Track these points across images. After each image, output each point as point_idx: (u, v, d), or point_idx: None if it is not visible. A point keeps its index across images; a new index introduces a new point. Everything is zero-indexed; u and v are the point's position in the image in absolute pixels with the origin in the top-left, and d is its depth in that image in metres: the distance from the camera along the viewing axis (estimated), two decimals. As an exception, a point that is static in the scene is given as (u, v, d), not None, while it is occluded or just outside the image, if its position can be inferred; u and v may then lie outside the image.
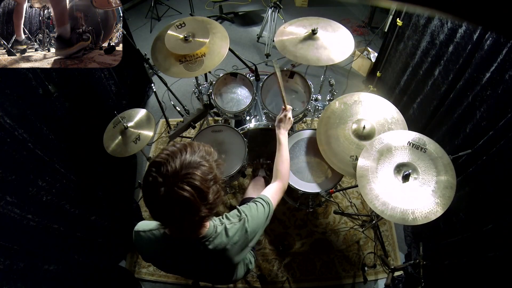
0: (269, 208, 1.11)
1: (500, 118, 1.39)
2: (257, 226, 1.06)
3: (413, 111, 2.25)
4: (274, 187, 1.24)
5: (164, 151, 0.82)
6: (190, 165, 0.79)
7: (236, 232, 1.01)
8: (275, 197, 1.19)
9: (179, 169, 0.77)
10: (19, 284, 1.24)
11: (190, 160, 0.80)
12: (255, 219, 1.05)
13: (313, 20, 1.93)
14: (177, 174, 0.77)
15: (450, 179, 1.36)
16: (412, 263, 1.79)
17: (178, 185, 0.76)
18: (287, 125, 1.41)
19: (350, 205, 2.41)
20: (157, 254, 1.04)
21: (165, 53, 1.81)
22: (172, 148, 0.82)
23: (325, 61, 1.78)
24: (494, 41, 1.45)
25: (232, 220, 1.04)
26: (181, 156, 0.79)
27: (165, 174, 0.76)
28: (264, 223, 1.08)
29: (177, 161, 0.78)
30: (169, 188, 0.76)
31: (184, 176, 0.77)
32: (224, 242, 0.98)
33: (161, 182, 0.76)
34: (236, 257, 1.03)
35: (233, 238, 1.00)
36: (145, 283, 2.15)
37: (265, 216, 1.09)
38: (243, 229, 1.02)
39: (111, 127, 1.82)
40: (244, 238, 1.02)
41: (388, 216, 1.35)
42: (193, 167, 0.79)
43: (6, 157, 1.23)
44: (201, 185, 0.78)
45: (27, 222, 1.33)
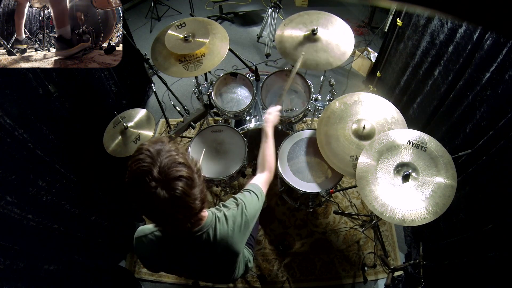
0: (262, 196, 1.15)
1: (500, 118, 1.39)
2: (255, 211, 1.09)
3: (413, 111, 2.25)
4: (263, 177, 1.26)
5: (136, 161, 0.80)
6: (169, 160, 0.80)
7: (236, 217, 1.03)
8: (265, 186, 1.22)
9: (164, 167, 0.79)
10: (19, 284, 1.24)
11: (162, 156, 0.80)
12: (252, 204, 1.09)
13: (313, 15, 1.93)
14: (165, 173, 0.78)
15: (451, 178, 1.36)
16: (412, 263, 1.79)
17: (172, 182, 0.78)
18: (275, 120, 1.45)
19: (350, 205, 2.41)
20: (161, 256, 1.04)
21: (165, 53, 1.81)
22: (142, 156, 0.80)
23: (324, 66, 1.78)
24: (494, 41, 1.45)
25: (230, 206, 1.07)
26: (156, 156, 0.80)
27: (155, 177, 0.77)
28: (259, 209, 1.12)
29: (156, 162, 0.79)
30: (166, 188, 0.77)
31: (172, 171, 0.79)
32: (226, 228, 1.00)
33: (156, 186, 0.77)
34: (239, 244, 1.04)
35: (234, 223, 1.02)
36: (145, 283, 2.15)
37: (259, 203, 1.12)
38: (242, 213, 1.04)
39: (111, 127, 1.82)
40: (245, 222, 1.04)
41: (388, 218, 1.35)
42: (173, 161, 0.80)
43: (6, 157, 1.23)
44: (188, 173, 0.81)
45: (27, 222, 1.33)
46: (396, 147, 1.46)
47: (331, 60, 1.79)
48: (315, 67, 1.79)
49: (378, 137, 1.52)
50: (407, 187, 1.40)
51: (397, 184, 1.42)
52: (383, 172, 1.44)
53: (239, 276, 1.30)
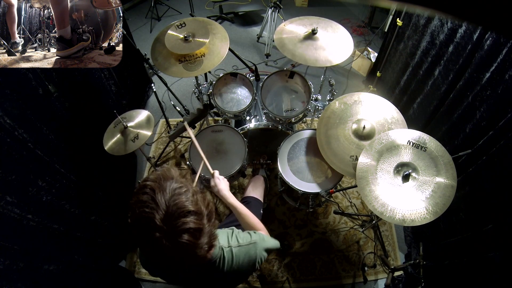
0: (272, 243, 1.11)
1: (500, 118, 1.39)
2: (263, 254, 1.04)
3: (413, 111, 2.25)
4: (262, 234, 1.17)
5: (139, 203, 0.73)
6: (176, 207, 0.73)
7: (245, 255, 0.99)
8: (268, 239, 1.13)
9: (170, 216, 0.72)
10: (19, 284, 1.24)
11: (167, 200, 0.73)
12: (264, 246, 1.04)
13: (313, 19, 1.93)
14: (171, 224, 0.71)
15: (451, 178, 1.36)
16: (412, 263, 1.79)
17: (178, 234, 0.72)
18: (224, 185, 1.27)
19: (350, 205, 2.41)
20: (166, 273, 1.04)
21: (165, 53, 1.81)
22: (145, 197, 0.74)
23: (323, 63, 1.78)
24: (494, 41, 1.45)
25: (241, 242, 1.01)
26: (160, 199, 0.73)
27: (159, 226, 0.71)
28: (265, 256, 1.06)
29: (160, 206, 0.72)
30: (171, 241, 0.71)
31: (178, 222, 0.72)
32: (232, 267, 0.97)
33: (160, 236, 0.71)
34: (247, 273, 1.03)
35: (240, 262, 0.98)
36: (145, 283, 2.15)
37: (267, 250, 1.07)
38: (252, 253, 1.00)
39: (112, 127, 1.82)
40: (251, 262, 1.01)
41: (388, 218, 1.35)
42: (181, 209, 0.73)
43: (6, 157, 1.23)
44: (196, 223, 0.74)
45: (27, 222, 1.33)
46: (396, 147, 1.46)
47: (330, 58, 1.79)
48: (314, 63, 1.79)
49: (378, 137, 1.52)
50: (407, 187, 1.40)
51: (397, 184, 1.42)
52: (383, 172, 1.44)
53: None
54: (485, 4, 0.36)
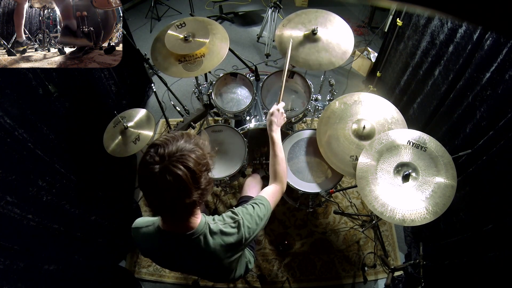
0: (266, 210, 1.09)
1: (500, 118, 1.39)
2: (253, 229, 1.03)
3: (413, 111, 2.25)
4: (271, 189, 1.21)
5: (163, 136, 0.87)
6: (186, 148, 0.84)
7: (229, 235, 0.99)
8: (272, 199, 1.16)
9: (175, 151, 0.82)
10: (19, 284, 1.24)
11: (186, 145, 0.85)
12: (251, 221, 1.03)
13: (311, 13, 1.92)
14: (172, 155, 0.81)
15: (451, 178, 1.36)
16: (412, 263, 1.79)
17: (173, 163, 0.80)
18: (280, 121, 1.32)
19: (350, 205, 2.41)
20: (154, 250, 1.05)
21: (165, 53, 1.81)
22: (170, 135, 0.87)
23: (327, 66, 1.79)
24: (494, 41, 1.45)
25: (227, 221, 1.02)
26: (178, 142, 0.84)
27: (161, 154, 0.81)
28: (260, 225, 1.06)
29: (174, 144, 0.83)
30: (164, 166, 0.79)
31: (180, 157, 0.81)
32: (214, 243, 0.97)
33: (157, 161, 0.80)
34: (225, 260, 1.02)
35: (225, 241, 0.98)
36: (145, 283, 2.15)
37: (262, 218, 1.07)
38: (239, 234, 1.00)
39: (111, 127, 1.82)
40: (237, 242, 1.00)
41: (388, 218, 1.35)
42: (188, 151, 0.83)
43: (6, 157, 1.23)
44: (194, 167, 0.82)
45: (27, 222, 1.33)
46: (396, 147, 1.46)
47: (333, 60, 1.79)
48: (318, 67, 1.79)
49: (378, 137, 1.52)
50: (407, 187, 1.40)
51: (397, 184, 1.42)
52: (383, 172, 1.44)
53: (239, 277, 1.29)
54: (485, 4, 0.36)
